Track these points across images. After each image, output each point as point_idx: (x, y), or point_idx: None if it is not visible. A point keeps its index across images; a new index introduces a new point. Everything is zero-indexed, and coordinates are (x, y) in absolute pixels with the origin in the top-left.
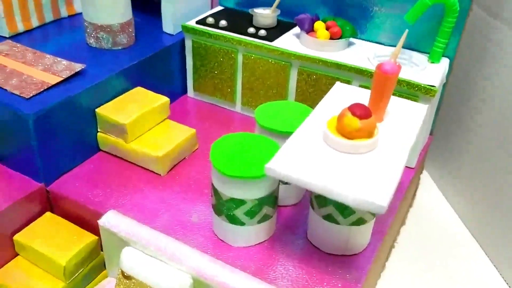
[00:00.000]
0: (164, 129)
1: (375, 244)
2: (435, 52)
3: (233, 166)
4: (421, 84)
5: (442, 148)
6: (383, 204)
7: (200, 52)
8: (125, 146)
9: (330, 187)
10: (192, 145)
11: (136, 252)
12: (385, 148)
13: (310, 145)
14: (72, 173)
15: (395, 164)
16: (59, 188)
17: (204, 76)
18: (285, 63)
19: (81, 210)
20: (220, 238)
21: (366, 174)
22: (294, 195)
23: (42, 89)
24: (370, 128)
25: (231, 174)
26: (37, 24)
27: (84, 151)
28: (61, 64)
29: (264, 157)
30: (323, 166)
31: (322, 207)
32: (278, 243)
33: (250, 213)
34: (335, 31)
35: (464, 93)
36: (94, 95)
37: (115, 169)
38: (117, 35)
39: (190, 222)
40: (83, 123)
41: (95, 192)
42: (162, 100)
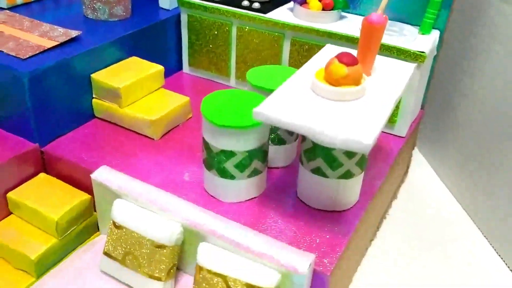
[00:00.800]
0: (158, 97)
1: (364, 202)
2: (425, 23)
3: (223, 116)
4: (410, 50)
5: (433, 125)
6: (369, 142)
7: (195, 26)
8: (119, 111)
9: (318, 128)
10: (186, 113)
11: (127, 203)
12: (371, 97)
13: (298, 93)
14: (66, 137)
15: (380, 110)
16: (54, 149)
17: (199, 50)
18: (279, 34)
19: (75, 171)
20: (211, 194)
21: (353, 118)
22: (284, 157)
23: (38, 51)
24: (357, 75)
25: (221, 124)
26: None
27: (79, 117)
28: (57, 31)
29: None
30: (312, 111)
31: (311, 161)
32: (268, 200)
33: (240, 165)
34: (327, 2)
35: (454, 68)
36: (89, 60)
37: (109, 134)
38: (113, 6)
39: (182, 181)
40: (78, 89)
41: (90, 153)
42: (157, 68)
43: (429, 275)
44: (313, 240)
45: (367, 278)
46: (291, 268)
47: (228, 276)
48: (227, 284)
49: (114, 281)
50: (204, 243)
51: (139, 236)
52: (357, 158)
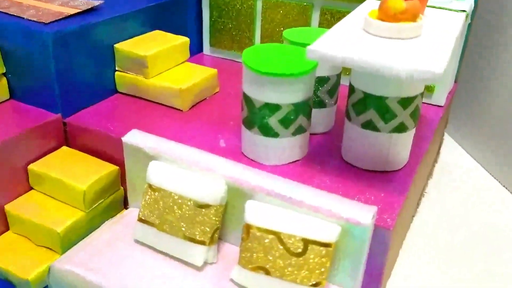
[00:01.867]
0: (185, 69)
1: (414, 164)
2: None
3: (268, 65)
4: (452, 9)
5: (463, 104)
6: (440, 71)
7: (218, 2)
8: (145, 82)
9: (383, 60)
10: (213, 86)
11: (164, 165)
12: (429, 36)
13: (352, 33)
14: (89, 110)
15: (442, 46)
16: (77, 120)
17: (221, 29)
18: (307, 4)
19: (101, 141)
20: (251, 157)
21: (415, 52)
22: (324, 121)
23: (60, 17)
24: (415, 10)
25: (267, 71)
26: None
27: (102, 90)
28: (78, 0)
29: (298, 61)
30: (370, 47)
31: (361, 114)
32: (312, 162)
33: (285, 120)
34: None
35: (486, 44)
36: (112, 30)
37: (135, 107)
38: None
39: (217, 146)
40: (101, 60)
41: (115, 124)
42: (182, 40)
43: (470, 256)
44: (368, 198)
45: (410, 259)
46: (353, 220)
47: (282, 232)
48: (281, 241)
49: (149, 251)
50: (252, 200)
51: (179, 196)
52: (412, 108)
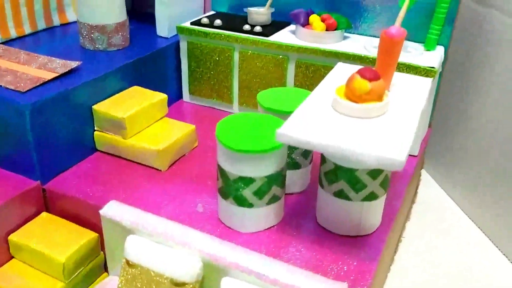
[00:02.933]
0: (163, 126)
1: (387, 225)
2: (430, 39)
3: (240, 141)
4: (420, 66)
5: (439, 144)
6: (402, 159)
7: (195, 53)
8: (124, 143)
9: (348, 147)
10: (192, 141)
11: (141, 239)
12: (394, 112)
13: (320, 112)
14: (69, 172)
15: (407, 125)
16: (56, 186)
17: (200, 78)
18: (282, 57)
19: (79, 208)
20: (228, 225)
21: (379, 135)
22: (299, 182)
23: (38, 84)
24: (380, 91)
25: (239, 149)
26: (30, 31)
27: (81, 151)
28: (55, 62)
29: (271, 133)
30: (337, 129)
31: (333, 183)
32: (288, 227)
33: (259, 192)
34: (330, 22)
35: (459, 84)
36: (91, 91)
37: (113, 168)
38: (112, 36)
39: (195, 212)
40: (79, 121)
41: (94, 188)
42: (160, 97)
43: None
44: (341, 268)
45: None
46: None
47: None
48: None
49: None
50: (227, 277)
51: (156, 274)
52: (381, 178)
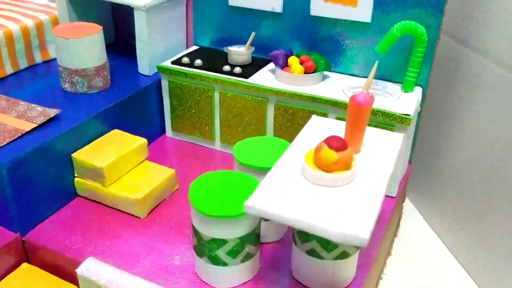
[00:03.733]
0: (143, 171)
1: (361, 278)
2: (407, 81)
3: (213, 205)
4: (396, 113)
5: (422, 176)
6: (365, 237)
7: (176, 92)
8: (103, 190)
9: (312, 222)
10: (172, 185)
11: None
12: (363, 179)
13: (288, 180)
14: (48, 221)
15: (373, 196)
16: (35, 238)
17: (182, 115)
18: (262, 98)
19: (58, 260)
20: (203, 280)
21: (346, 207)
22: (275, 231)
23: (16, 137)
24: (347, 160)
25: (211, 213)
26: (11, 72)
27: (61, 197)
28: (35, 110)
29: (244, 195)
30: (303, 201)
31: (305, 242)
32: (263, 282)
33: (232, 252)
34: (309, 65)
35: (438, 120)
36: (70, 139)
37: (93, 215)
38: (92, 78)
39: (172, 265)
40: (59, 169)
41: (73, 239)
42: (140, 142)
43: None
44: None
45: None
46: None
47: None
48: None
49: None
50: None
51: None
52: None
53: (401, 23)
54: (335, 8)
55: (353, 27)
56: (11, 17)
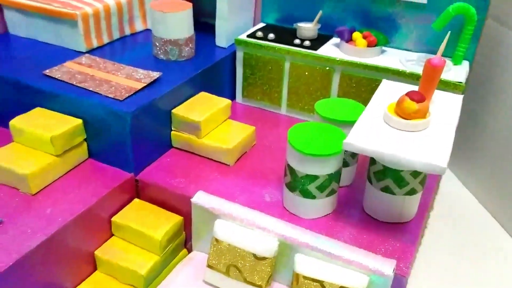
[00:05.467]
0: (228, 127)
1: (421, 214)
2: (457, 56)
3: (309, 146)
4: (450, 81)
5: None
6: (443, 165)
7: (250, 62)
8: (198, 142)
9: (402, 155)
10: (252, 140)
11: (227, 223)
12: (436, 126)
13: (375, 126)
14: (153, 165)
15: (446, 138)
16: (146, 177)
17: (253, 83)
18: (329, 68)
19: (165, 196)
20: (292, 212)
21: (426, 145)
22: (347, 177)
23: (131, 93)
24: (425, 110)
25: (309, 152)
26: (107, 41)
27: (161, 147)
28: (139, 72)
29: (333, 140)
30: (391, 140)
31: (381, 181)
32: (341, 215)
33: (321, 187)
34: (371, 39)
35: (482, 93)
36: (170, 98)
37: (189, 162)
38: (182, 48)
39: (263, 201)
40: (161, 123)
41: (177, 180)
42: (226, 102)
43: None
44: (387, 248)
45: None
46: (378, 272)
47: (325, 281)
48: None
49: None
50: (299, 254)
51: (241, 250)
52: (421, 177)
53: (456, 4)
54: None
55: (410, 7)
56: None
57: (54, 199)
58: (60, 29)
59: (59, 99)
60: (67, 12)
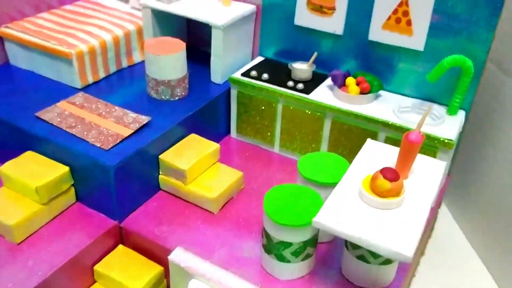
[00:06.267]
0: (215, 172)
1: (400, 279)
2: (453, 106)
3: (284, 215)
4: (440, 138)
5: (459, 184)
6: (409, 255)
7: (244, 101)
8: (184, 188)
9: (366, 239)
10: (239, 185)
11: (201, 284)
12: (410, 204)
13: (348, 201)
14: (139, 211)
15: (418, 220)
16: (130, 225)
17: (247, 121)
18: (320, 114)
19: (148, 244)
20: (269, 272)
21: (395, 228)
22: (329, 234)
23: (118, 141)
24: (398, 189)
25: (283, 222)
26: (103, 75)
27: (148, 191)
28: (129, 116)
29: (309, 207)
30: (359, 220)
31: (356, 249)
32: (317, 276)
33: (295, 253)
34: (364, 86)
35: (479, 140)
36: (159, 143)
37: (174, 207)
38: (174, 88)
39: (242, 257)
40: (148, 167)
41: (160, 228)
42: (214, 147)
43: None
44: None
45: None
46: None
47: None
48: None
49: None
50: None
51: None
52: None
53: (451, 57)
54: (391, 36)
55: (407, 53)
56: (103, 27)
57: (37, 249)
58: (56, 65)
59: (49, 144)
60: (62, 50)
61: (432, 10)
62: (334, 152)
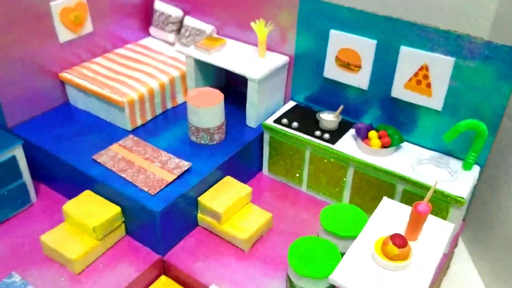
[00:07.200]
0: (247, 213)
1: None
2: (467, 163)
3: (304, 267)
4: (452, 195)
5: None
6: None
7: (275, 145)
8: (219, 227)
9: None
10: (269, 225)
11: None
12: (416, 266)
13: (361, 261)
14: (180, 245)
15: (423, 282)
16: (172, 259)
17: (277, 162)
18: (344, 163)
19: (186, 278)
20: None
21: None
22: None
23: (162, 187)
24: (406, 254)
25: (304, 274)
26: (150, 118)
27: (187, 227)
28: (172, 161)
29: (328, 260)
30: (371, 279)
31: None
32: None
33: None
34: (385, 141)
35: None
36: (198, 188)
37: (211, 243)
38: (213, 134)
39: None
40: (188, 208)
41: (197, 264)
42: (247, 191)
43: None
44: None
45: None
46: None
47: None
48: None
49: None
50: None
51: None
52: None
53: (466, 121)
54: (412, 95)
55: (426, 111)
56: (151, 74)
57: (93, 280)
58: (110, 109)
59: (103, 186)
60: (115, 99)
61: (450, 76)
62: (355, 197)
